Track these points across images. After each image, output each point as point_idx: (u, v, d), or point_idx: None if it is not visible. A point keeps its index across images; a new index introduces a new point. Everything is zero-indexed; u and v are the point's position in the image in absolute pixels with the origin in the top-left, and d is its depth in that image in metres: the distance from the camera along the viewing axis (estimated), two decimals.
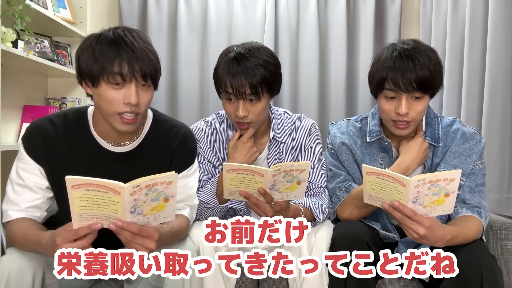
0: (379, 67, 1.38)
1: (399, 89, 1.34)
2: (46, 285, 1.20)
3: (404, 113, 1.35)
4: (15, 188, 1.27)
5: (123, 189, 0.97)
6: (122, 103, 1.17)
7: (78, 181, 0.96)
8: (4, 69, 1.81)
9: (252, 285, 1.45)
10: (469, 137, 1.45)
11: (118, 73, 1.14)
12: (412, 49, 1.35)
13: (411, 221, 1.16)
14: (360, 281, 1.18)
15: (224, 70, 1.40)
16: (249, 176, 1.19)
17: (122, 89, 1.17)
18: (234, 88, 1.37)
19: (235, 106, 1.41)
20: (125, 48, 1.15)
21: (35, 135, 1.27)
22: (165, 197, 1.03)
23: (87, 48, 1.18)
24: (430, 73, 1.33)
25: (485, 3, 2.12)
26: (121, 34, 1.17)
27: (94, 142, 1.29)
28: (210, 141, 1.55)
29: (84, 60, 1.17)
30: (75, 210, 1.00)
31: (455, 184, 1.10)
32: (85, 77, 1.19)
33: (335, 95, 2.63)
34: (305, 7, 2.61)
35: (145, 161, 1.31)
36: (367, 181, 1.19)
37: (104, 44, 1.16)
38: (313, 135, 1.57)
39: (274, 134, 1.54)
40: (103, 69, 1.14)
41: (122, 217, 1.01)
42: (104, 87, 1.17)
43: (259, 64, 1.39)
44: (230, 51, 1.43)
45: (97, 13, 2.64)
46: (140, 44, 1.18)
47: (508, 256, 1.45)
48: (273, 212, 1.26)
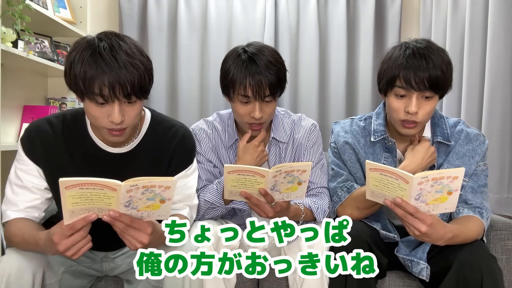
0: (390, 64, 1.36)
1: (410, 87, 1.32)
2: (46, 285, 1.21)
3: (414, 112, 1.33)
4: (13, 189, 1.27)
5: (119, 187, 0.97)
6: (107, 119, 1.15)
7: (72, 182, 0.96)
8: (4, 69, 1.81)
9: (252, 285, 1.45)
10: (472, 138, 1.45)
11: (99, 95, 1.11)
12: (425, 48, 1.34)
13: (413, 218, 1.16)
14: (360, 281, 1.18)
15: (240, 72, 1.38)
16: (250, 177, 1.19)
17: (106, 107, 1.14)
18: (254, 90, 1.36)
19: (251, 107, 1.40)
20: (104, 68, 1.09)
21: (34, 136, 1.27)
22: (161, 198, 1.03)
23: (71, 64, 1.13)
24: (442, 73, 1.32)
25: (485, 3, 2.12)
26: (101, 51, 1.10)
27: (92, 143, 1.29)
28: (211, 141, 1.54)
29: (69, 76, 1.14)
30: (67, 207, 1.00)
31: (458, 182, 1.10)
32: (72, 90, 1.16)
33: (335, 95, 2.62)
34: (305, 7, 2.61)
35: (144, 162, 1.31)
36: (370, 177, 1.19)
37: (85, 63, 1.10)
38: (314, 135, 1.57)
39: (274, 134, 1.54)
40: (84, 89, 1.11)
41: (116, 209, 1.02)
42: (88, 103, 1.15)
43: (272, 63, 1.39)
44: (239, 53, 1.41)
45: (97, 13, 2.64)
46: (121, 59, 1.11)
47: (508, 256, 1.46)
48: (274, 212, 1.26)
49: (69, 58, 1.14)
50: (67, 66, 1.15)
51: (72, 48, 1.17)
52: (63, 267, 1.29)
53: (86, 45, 1.13)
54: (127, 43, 1.15)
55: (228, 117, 1.59)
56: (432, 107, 1.37)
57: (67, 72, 1.15)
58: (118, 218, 1.02)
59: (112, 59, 1.10)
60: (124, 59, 1.11)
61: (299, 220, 1.41)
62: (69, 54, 1.15)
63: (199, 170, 1.50)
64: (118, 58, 1.11)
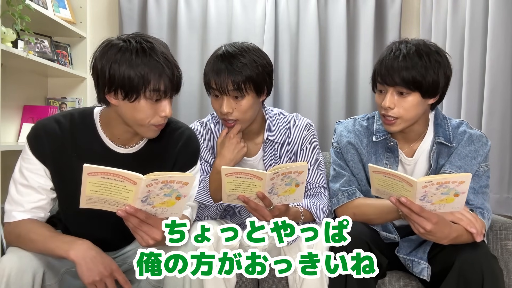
0: (377, 61, 1.42)
1: (384, 82, 1.36)
2: (46, 286, 1.20)
3: (387, 107, 1.36)
4: (18, 188, 1.25)
5: (140, 180, 1.00)
6: (157, 116, 1.20)
7: (96, 169, 1.00)
8: (4, 69, 1.81)
9: (252, 285, 1.45)
10: (475, 139, 1.45)
11: (163, 90, 1.16)
12: (409, 49, 1.35)
13: (418, 216, 1.16)
14: (360, 281, 1.18)
15: (209, 66, 1.44)
16: (248, 180, 1.19)
17: (158, 104, 1.19)
18: (217, 84, 1.39)
19: (220, 102, 1.42)
20: (164, 63, 1.16)
21: (42, 135, 1.25)
22: (178, 195, 1.06)
23: (122, 58, 1.14)
24: (417, 72, 1.32)
25: (485, 3, 2.12)
26: (155, 48, 1.17)
27: (101, 142, 1.29)
28: (206, 141, 1.55)
29: (122, 71, 1.14)
30: (86, 193, 1.03)
31: (465, 186, 1.09)
32: (119, 88, 1.15)
33: (335, 95, 2.63)
34: (305, 7, 2.61)
35: (150, 162, 1.31)
36: (374, 178, 1.19)
37: (142, 57, 1.14)
38: (309, 135, 1.56)
39: (269, 135, 1.54)
40: (147, 84, 1.14)
41: (132, 204, 1.04)
42: (142, 102, 1.17)
43: (244, 62, 1.39)
44: (219, 49, 1.46)
45: (97, 13, 2.64)
46: (170, 57, 1.20)
47: (508, 256, 1.46)
48: (272, 216, 1.25)
49: (109, 54, 1.15)
50: (105, 60, 1.15)
51: (106, 48, 1.17)
52: (64, 267, 1.29)
53: (131, 44, 1.16)
54: (164, 45, 1.23)
55: None
56: (411, 105, 1.36)
57: (110, 66, 1.15)
58: (133, 214, 1.05)
59: (167, 54, 1.19)
60: (171, 57, 1.20)
61: (299, 222, 1.41)
62: (107, 51, 1.16)
63: None
64: (167, 53, 1.19)
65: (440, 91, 1.38)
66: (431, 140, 1.47)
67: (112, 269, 1.18)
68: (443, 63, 1.36)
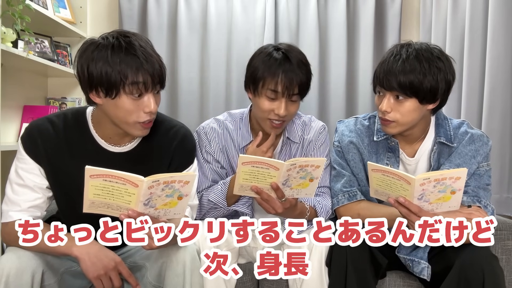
0: (379, 63, 1.42)
1: (382, 86, 1.36)
2: (45, 285, 1.20)
3: (383, 110, 1.36)
4: (14, 188, 1.26)
5: (142, 182, 1.01)
6: (141, 112, 1.18)
7: (97, 171, 1.00)
8: (4, 69, 1.81)
9: (252, 285, 1.45)
10: (476, 139, 1.45)
11: (142, 83, 1.15)
12: (409, 54, 1.33)
13: (417, 217, 1.16)
14: (360, 281, 1.18)
15: (274, 67, 1.39)
16: (264, 170, 1.19)
17: (141, 99, 1.17)
18: (284, 86, 1.38)
19: (276, 104, 1.41)
20: (141, 57, 1.14)
21: (35, 135, 1.26)
22: (179, 195, 1.07)
23: (98, 56, 1.14)
24: (415, 77, 1.31)
25: (485, 3, 2.12)
26: (132, 42, 1.15)
27: (94, 142, 1.29)
28: (221, 141, 1.53)
29: (98, 69, 1.14)
30: (88, 197, 1.04)
31: (461, 182, 1.10)
32: (99, 86, 1.15)
33: (335, 95, 2.62)
34: (305, 7, 2.61)
35: (144, 161, 1.31)
36: (373, 177, 1.19)
37: (119, 52, 1.13)
38: (322, 136, 1.58)
39: (289, 134, 1.55)
40: (125, 79, 1.13)
41: (135, 208, 1.05)
42: (123, 98, 1.16)
43: (303, 63, 1.42)
44: (270, 51, 1.43)
45: (97, 13, 2.64)
46: (150, 51, 1.17)
47: (508, 256, 1.46)
48: (283, 208, 1.27)
49: (88, 52, 1.16)
50: (84, 59, 1.16)
51: (86, 47, 1.17)
52: (63, 267, 1.29)
53: (109, 41, 1.15)
54: (144, 40, 1.21)
55: (240, 117, 1.57)
56: (408, 110, 1.35)
57: (88, 65, 1.15)
58: (135, 218, 1.05)
59: (144, 48, 1.16)
60: (151, 51, 1.18)
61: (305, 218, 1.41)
62: (86, 50, 1.16)
63: (207, 170, 1.50)
64: (147, 48, 1.17)
65: (439, 97, 1.36)
66: (432, 140, 1.47)
67: (116, 262, 1.18)
68: (443, 69, 1.34)
